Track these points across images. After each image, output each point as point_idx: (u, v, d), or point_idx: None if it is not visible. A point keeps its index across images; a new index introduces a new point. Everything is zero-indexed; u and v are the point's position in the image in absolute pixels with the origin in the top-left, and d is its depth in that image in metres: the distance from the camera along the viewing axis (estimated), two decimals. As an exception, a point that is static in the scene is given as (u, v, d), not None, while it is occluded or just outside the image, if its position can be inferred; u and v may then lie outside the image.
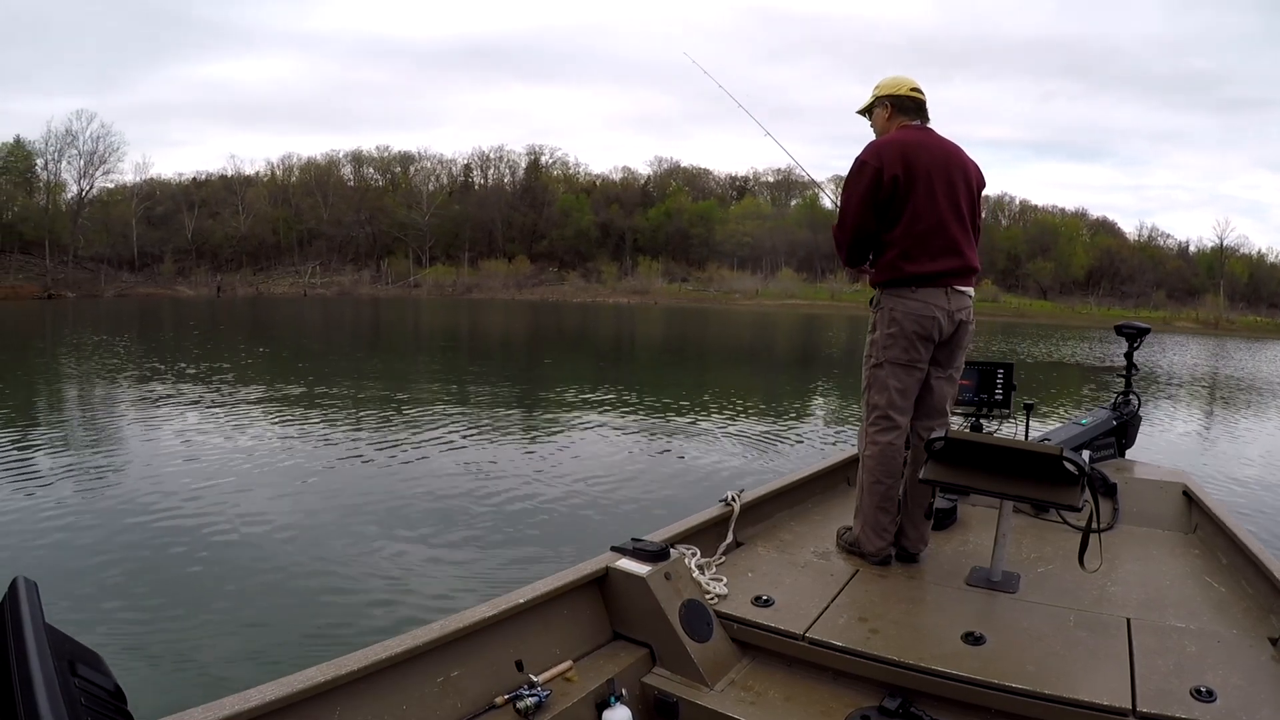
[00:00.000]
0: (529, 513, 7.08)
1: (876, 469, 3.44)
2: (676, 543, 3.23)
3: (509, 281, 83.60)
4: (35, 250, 71.56)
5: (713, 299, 78.31)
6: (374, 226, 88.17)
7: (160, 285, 74.90)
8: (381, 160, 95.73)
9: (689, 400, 14.61)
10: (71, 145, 75.59)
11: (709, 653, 2.73)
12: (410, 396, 14.20)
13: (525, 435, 10.87)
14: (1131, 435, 5.19)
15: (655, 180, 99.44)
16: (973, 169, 3.53)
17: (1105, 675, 2.45)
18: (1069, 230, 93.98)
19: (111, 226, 78.02)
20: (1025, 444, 3.37)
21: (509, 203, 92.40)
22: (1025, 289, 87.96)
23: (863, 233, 3.42)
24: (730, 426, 11.80)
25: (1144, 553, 3.68)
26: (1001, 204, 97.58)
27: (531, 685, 2.40)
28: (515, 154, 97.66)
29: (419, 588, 5.38)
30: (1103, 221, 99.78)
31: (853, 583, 3.22)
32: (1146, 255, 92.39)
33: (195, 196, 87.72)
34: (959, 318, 3.41)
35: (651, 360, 25.47)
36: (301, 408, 12.63)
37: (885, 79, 3.61)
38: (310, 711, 1.97)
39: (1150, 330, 5.38)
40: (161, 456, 8.91)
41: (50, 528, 6.30)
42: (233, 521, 6.58)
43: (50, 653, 1.11)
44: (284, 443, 9.83)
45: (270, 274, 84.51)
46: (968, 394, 4.46)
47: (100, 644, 1.62)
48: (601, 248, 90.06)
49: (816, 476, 4.48)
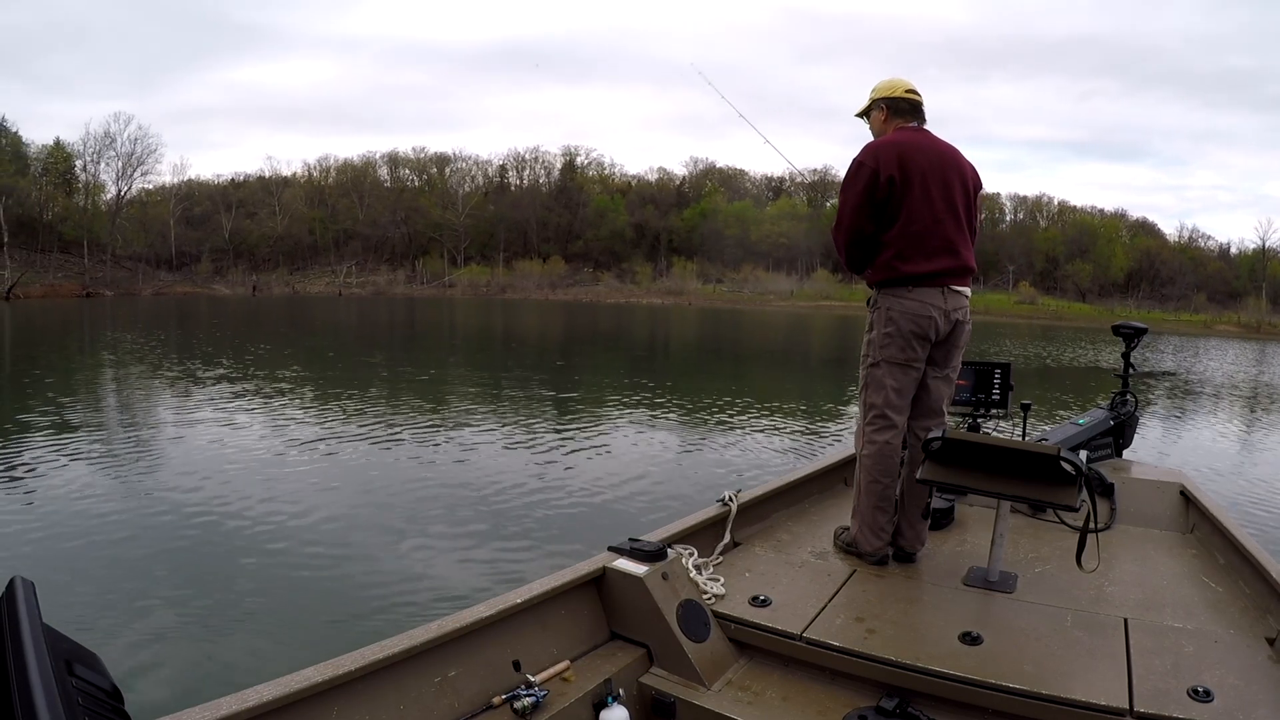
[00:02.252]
0: (527, 513, 6.98)
1: (874, 469, 3.41)
2: (674, 543, 3.17)
3: (543, 282, 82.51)
4: (74, 250, 71.84)
5: (747, 300, 76.66)
6: (409, 227, 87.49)
7: (197, 284, 75.18)
8: (417, 161, 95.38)
9: (720, 401, 14.27)
10: (110, 147, 76.28)
11: (706, 653, 2.70)
12: (424, 394, 14.24)
13: (529, 436, 10.57)
14: (1129, 435, 5.14)
15: (691, 181, 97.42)
16: (969, 170, 3.49)
17: (1102, 675, 2.42)
18: (1108, 231, 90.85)
19: (149, 226, 78.56)
20: (1022, 444, 3.32)
21: (544, 203, 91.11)
22: (1063, 291, 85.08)
23: (860, 234, 3.39)
24: (759, 428, 11.61)
25: (1141, 553, 3.65)
26: (1040, 205, 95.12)
27: (529, 685, 2.38)
28: (551, 155, 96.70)
29: (418, 586, 5.33)
30: (1142, 222, 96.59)
31: (850, 583, 3.19)
32: (1187, 257, 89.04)
33: (233, 197, 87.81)
34: (955, 317, 3.39)
35: (683, 361, 25.10)
36: (306, 406, 12.59)
37: (881, 81, 3.58)
38: (307, 711, 1.94)
39: (1147, 330, 5.33)
40: (163, 453, 8.93)
41: (49, 527, 6.23)
42: (230, 520, 6.52)
43: (48, 652, 1.10)
44: (283, 443, 9.66)
45: (306, 273, 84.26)
46: (965, 394, 4.41)
47: (99, 644, 1.85)
48: (636, 248, 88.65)
49: (814, 476, 4.43)
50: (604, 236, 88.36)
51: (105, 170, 77.40)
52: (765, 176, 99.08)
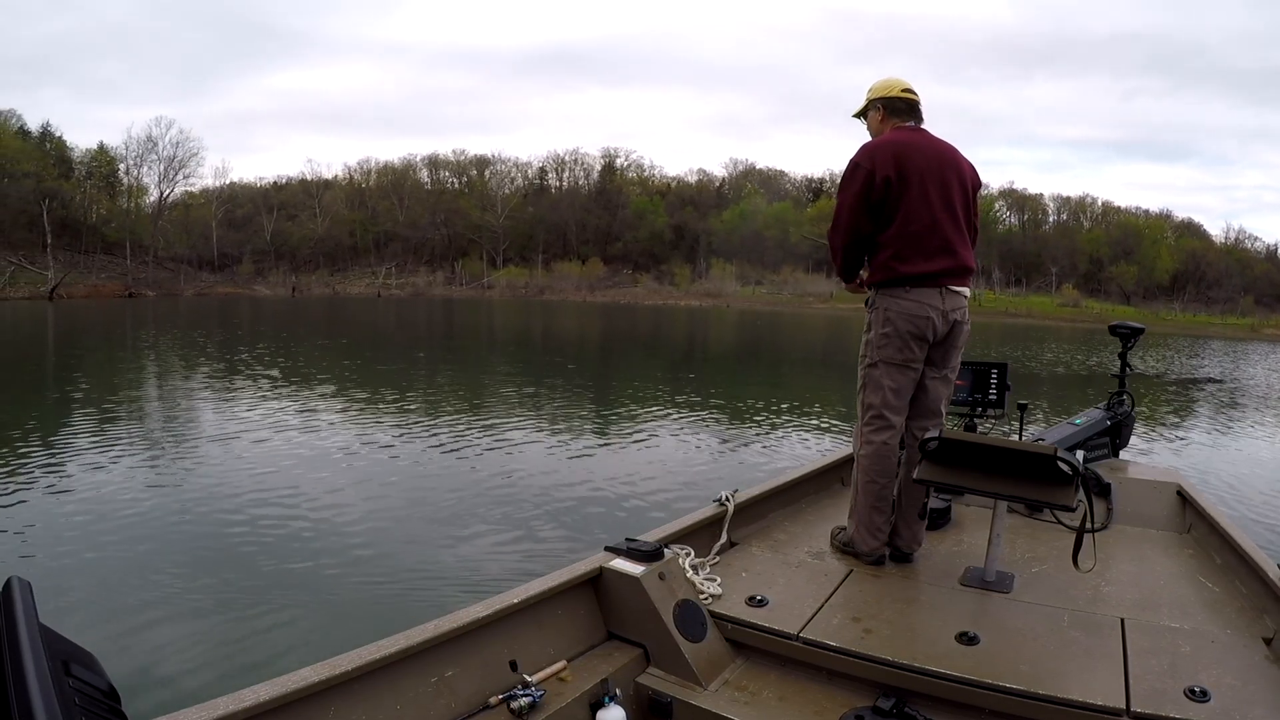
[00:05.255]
0: (526, 512, 6.85)
1: (871, 468, 3.35)
2: (670, 543, 3.13)
3: (581, 284, 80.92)
4: (117, 251, 72.11)
5: (786, 302, 73.72)
6: (449, 229, 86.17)
7: (238, 285, 74.96)
8: (458, 164, 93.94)
9: (758, 402, 13.92)
10: (152, 151, 76.69)
11: (703, 653, 2.67)
12: (443, 395, 14.11)
13: (536, 436, 10.31)
14: (1125, 435, 5.03)
15: (730, 182, 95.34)
16: (967, 169, 3.41)
17: (1099, 675, 2.39)
18: (1153, 232, 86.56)
19: (192, 228, 78.71)
20: (1019, 444, 3.26)
21: (583, 205, 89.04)
22: (1108, 294, 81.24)
23: (857, 235, 3.33)
24: (793, 428, 11.46)
25: (1138, 553, 3.59)
26: (1084, 205, 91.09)
27: (526, 685, 2.34)
28: (590, 157, 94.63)
29: (416, 586, 5.21)
30: (1188, 223, 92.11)
31: (847, 583, 3.15)
32: (1233, 259, 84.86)
33: (274, 199, 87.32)
34: (954, 317, 3.32)
35: (720, 365, 23.74)
36: (310, 405, 12.39)
37: (877, 81, 3.50)
38: (304, 711, 1.91)
39: (1145, 330, 5.24)
40: (177, 449, 8.92)
41: (53, 525, 6.15)
42: (229, 518, 6.43)
43: (44, 653, 1.08)
44: (284, 439, 9.56)
45: (346, 275, 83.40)
46: (962, 394, 4.30)
47: (97, 643, 1.77)
48: (675, 250, 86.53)
49: (811, 476, 4.36)
50: (643, 238, 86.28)
51: (147, 173, 77.94)
52: (806, 178, 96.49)
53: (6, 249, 62.41)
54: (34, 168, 67.00)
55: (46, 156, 70.95)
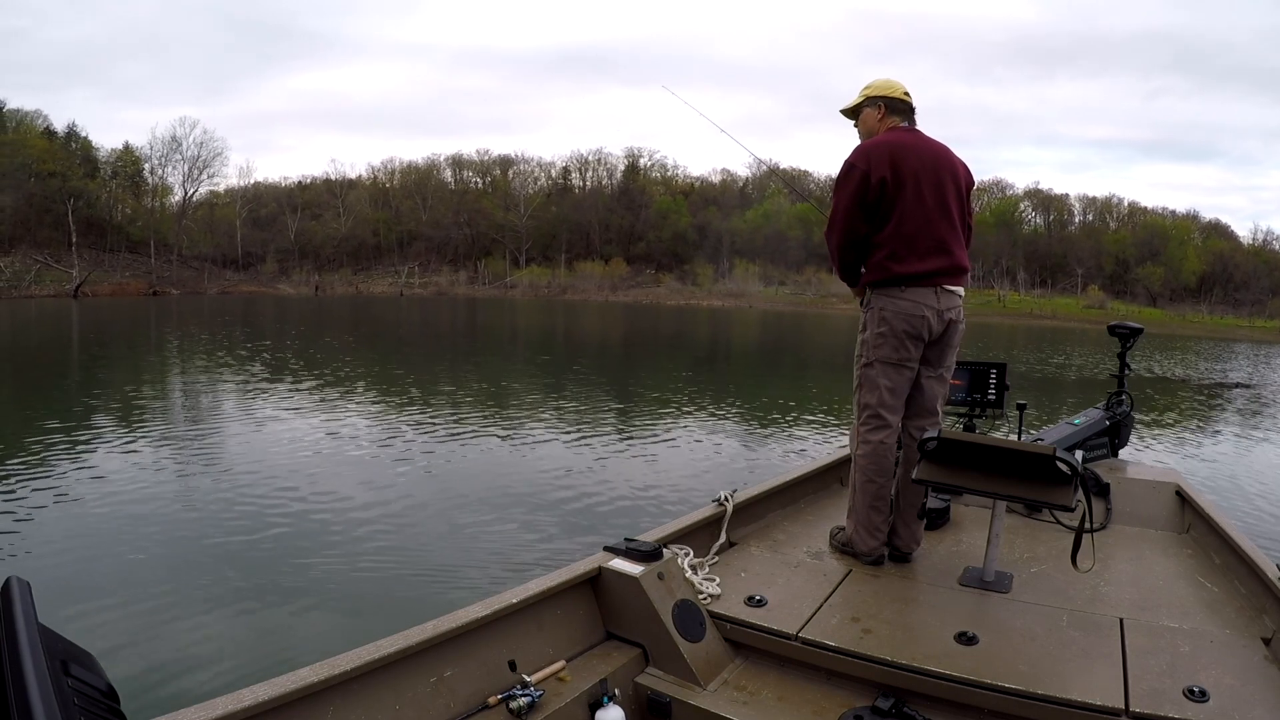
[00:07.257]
0: (525, 512, 6.77)
1: (869, 468, 3.30)
2: (669, 543, 3.09)
3: (604, 283, 79.75)
4: (141, 250, 71.88)
5: (809, 303, 72.02)
6: (472, 228, 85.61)
7: (262, 284, 74.68)
8: (481, 164, 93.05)
9: (777, 403, 13.76)
10: (176, 151, 76.72)
11: (702, 653, 2.63)
12: (457, 394, 13.96)
13: (541, 436, 10.15)
14: (1124, 435, 4.97)
15: (754, 182, 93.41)
16: (961, 169, 3.37)
17: (1098, 675, 2.36)
18: (1179, 233, 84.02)
19: (216, 227, 78.70)
20: (1018, 444, 3.15)
21: (606, 205, 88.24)
22: (1134, 295, 78.73)
23: (853, 235, 3.27)
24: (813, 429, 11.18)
25: (1137, 553, 3.53)
26: (1109, 206, 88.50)
27: (524, 685, 2.30)
28: (614, 157, 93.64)
29: (416, 586, 5.18)
30: (1215, 224, 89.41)
31: (846, 583, 3.10)
32: (1261, 260, 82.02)
33: (298, 199, 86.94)
34: (949, 317, 3.28)
35: (743, 366, 23.50)
36: (316, 403, 12.26)
37: (875, 81, 3.44)
38: (303, 711, 1.89)
39: (1143, 331, 5.14)
40: (188, 447, 8.84)
41: (51, 525, 6.06)
42: (229, 519, 6.33)
43: (43, 653, 1.08)
44: (288, 439, 9.43)
45: (369, 274, 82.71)
46: (960, 394, 4.31)
47: (96, 643, 1.88)
48: (698, 250, 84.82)
49: (809, 476, 4.29)
50: (666, 238, 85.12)
51: (172, 173, 77.99)
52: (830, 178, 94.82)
53: (32, 247, 62.25)
54: (59, 167, 66.75)
55: (72, 156, 70.83)
